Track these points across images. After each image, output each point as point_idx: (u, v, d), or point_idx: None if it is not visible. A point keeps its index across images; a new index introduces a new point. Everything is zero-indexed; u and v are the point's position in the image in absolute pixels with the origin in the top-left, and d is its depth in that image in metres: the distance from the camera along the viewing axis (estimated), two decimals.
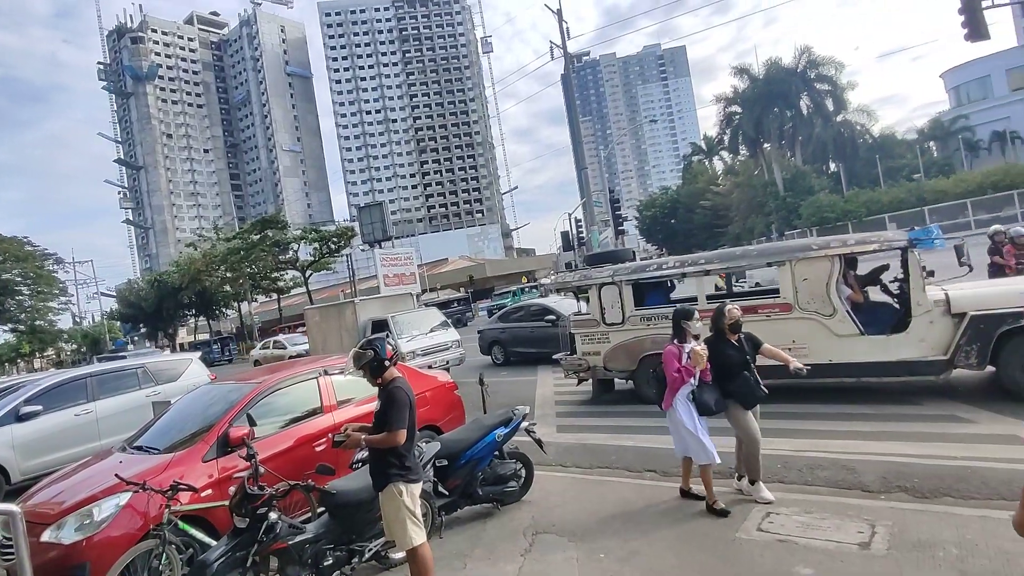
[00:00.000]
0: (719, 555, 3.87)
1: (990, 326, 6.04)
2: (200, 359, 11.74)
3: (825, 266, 6.80)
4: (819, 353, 6.75)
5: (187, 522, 4.20)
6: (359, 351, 3.75)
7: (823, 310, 6.80)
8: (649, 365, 8.09)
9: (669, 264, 8.33)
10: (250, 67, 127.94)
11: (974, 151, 51.80)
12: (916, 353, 6.38)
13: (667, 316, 7.98)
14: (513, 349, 14.79)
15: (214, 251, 43.23)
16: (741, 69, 51.26)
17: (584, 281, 8.94)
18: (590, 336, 8.71)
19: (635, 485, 5.39)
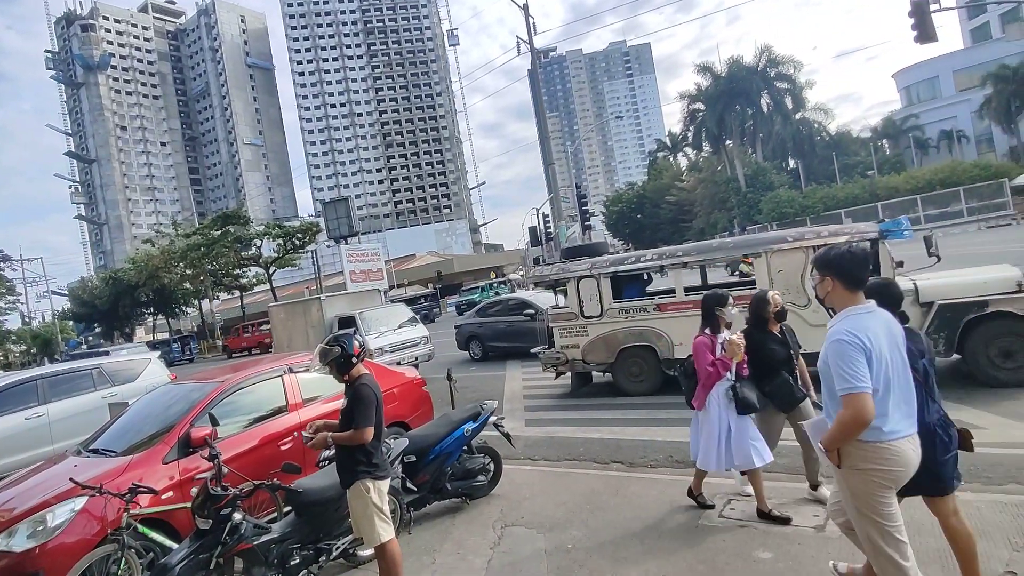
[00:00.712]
0: (684, 541, 3.97)
1: (957, 315, 6.28)
2: (160, 359, 11.41)
3: (800, 257, 6.94)
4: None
5: (147, 525, 4.09)
6: (326, 347, 3.71)
7: (798, 301, 6.94)
8: (628, 357, 8.22)
9: (647, 257, 8.39)
10: (209, 58, 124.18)
11: (924, 149, 54.00)
12: None
13: (644, 308, 8.12)
14: (491, 344, 14.64)
15: (173, 247, 41.94)
16: (704, 67, 52.26)
17: (562, 274, 8.93)
18: (568, 329, 8.72)
19: (602, 476, 5.48)
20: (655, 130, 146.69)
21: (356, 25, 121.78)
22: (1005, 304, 6.15)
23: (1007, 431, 5.07)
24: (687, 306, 7.66)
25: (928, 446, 2.65)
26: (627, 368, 8.28)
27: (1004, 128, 46.91)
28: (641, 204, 65.66)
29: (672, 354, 7.82)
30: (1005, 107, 44.38)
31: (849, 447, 2.52)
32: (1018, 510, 3.67)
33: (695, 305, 7.51)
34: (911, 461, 2.53)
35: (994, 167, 40.27)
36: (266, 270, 40.41)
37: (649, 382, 8.14)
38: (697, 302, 7.46)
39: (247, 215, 42.73)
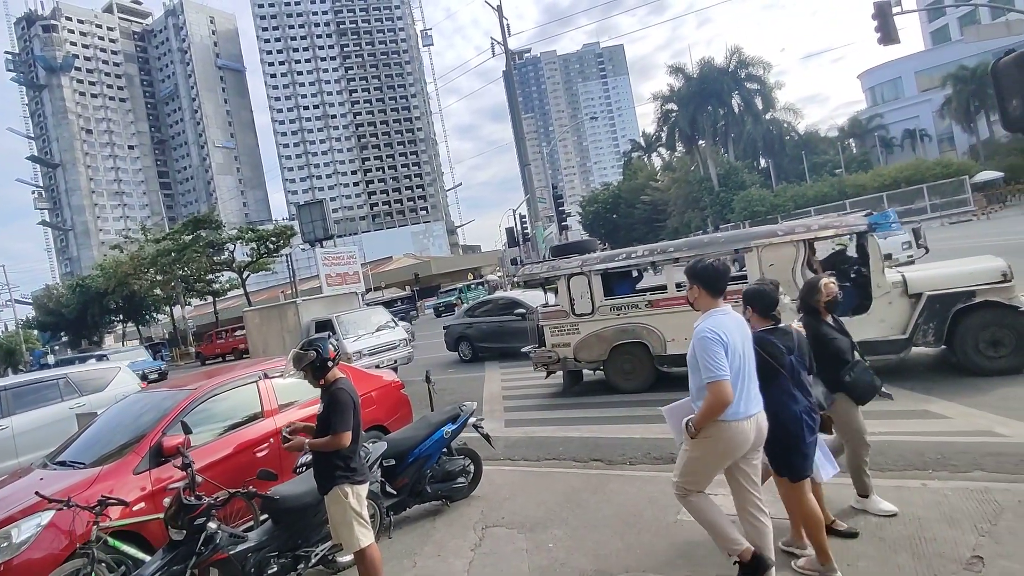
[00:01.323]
0: (662, 537, 4.01)
1: (945, 305, 6.37)
2: (130, 367, 11.14)
3: (791, 251, 6.98)
4: None
5: (119, 538, 3.98)
6: (300, 352, 3.66)
7: (790, 294, 6.92)
8: (620, 355, 8.16)
9: (638, 253, 8.34)
10: (177, 59, 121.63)
11: (888, 148, 55.51)
12: (877, 333, 6.63)
13: (636, 305, 8.04)
14: (481, 344, 14.31)
15: (142, 253, 40.91)
16: (676, 68, 52.94)
17: (553, 272, 8.82)
18: (559, 328, 8.63)
19: (582, 475, 5.50)
20: (629, 131, 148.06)
21: (328, 26, 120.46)
22: (992, 294, 6.25)
23: (972, 420, 5.22)
24: (679, 302, 7.64)
25: (797, 430, 3.19)
26: (619, 365, 8.23)
27: (964, 127, 48.48)
28: (616, 204, 66.19)
29: (664, 350, 7.80)
30: (964, 107, 45.83)
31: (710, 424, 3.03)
32: (983, 496, 3.79)
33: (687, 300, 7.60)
34: (749, 438, 3.06)
35: (955, 165, 41.61)
36: (239, 275, 39.67)
37: (642, 379, 8.11)
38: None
39: (219, 219, 41.90)
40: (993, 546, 3.24)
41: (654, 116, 56.69)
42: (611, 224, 66.76)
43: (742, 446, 3.06)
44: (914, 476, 4.32)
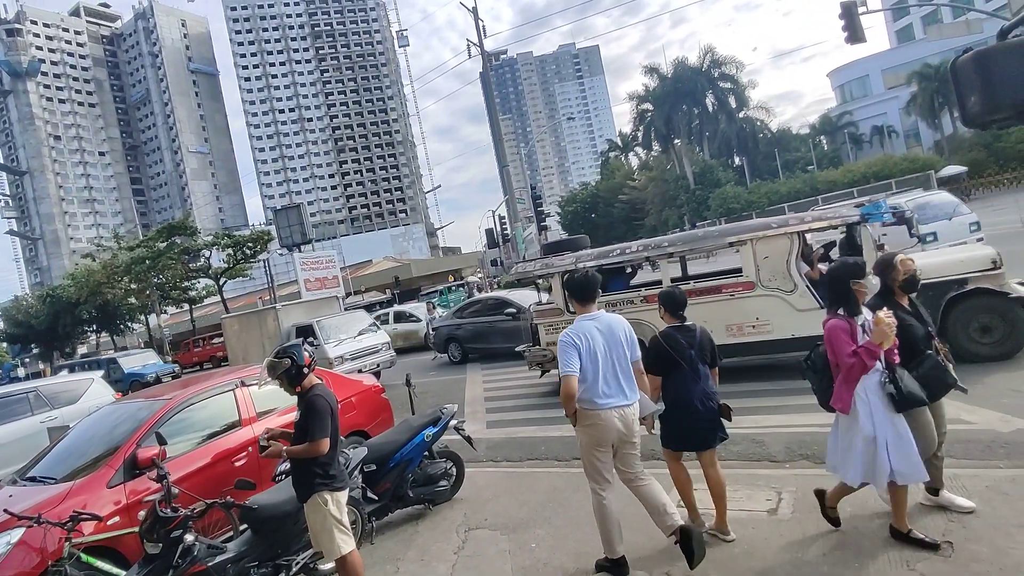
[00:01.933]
0: (643, 533, 4.03)
1: (938, 293, 6.40)
2: (103, 378, 10.91)
3: (785, 243, 6.99)
4: (782, 328, 7.02)
5: (93, 554, 3.90)
6: (274, 360, 3.63)
7: (784, 286, 7.00)
8: None
9: (633, 248, 8.25)
10: (148, 63, 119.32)
11: (858, 144, 56.72)
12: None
13: (631, 301, 7.97)
14: (471, 345, 14.14)
15: (116, 261, 40.05)
16: (651, 68, 53.46)
17: (546, 270, 8.70)
18: (554, 326, 8.49)
19: (564, 474, 5.53)
20: (606, 130, 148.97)
21: (303, 29, 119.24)
22: (984, 281, 6.34)
23: None
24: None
25: (693, 413, 3.73)
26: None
27: (929, 123, 49.75)
28: (595, 203, 66.52)
29: None
30: (929, 103, 47.02)
31: (580, 412, 3.50)
32: (952, 482, 3.89)
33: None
34: (615, 426, 3.48)
35: (921, 160, 42.70)
36: (216, 281, 39.03)
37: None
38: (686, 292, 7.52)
39: (194, 225, 41.19)
40: (961, 530, 3.34)
41: (630, 116, 57.26)
42: (590, 223, 67.02)
43: (608, 432, 3.50)
44: None
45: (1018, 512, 3.42)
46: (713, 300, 7.39)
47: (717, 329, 7.29)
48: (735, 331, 7.31)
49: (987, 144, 40.83)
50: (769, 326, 7.04)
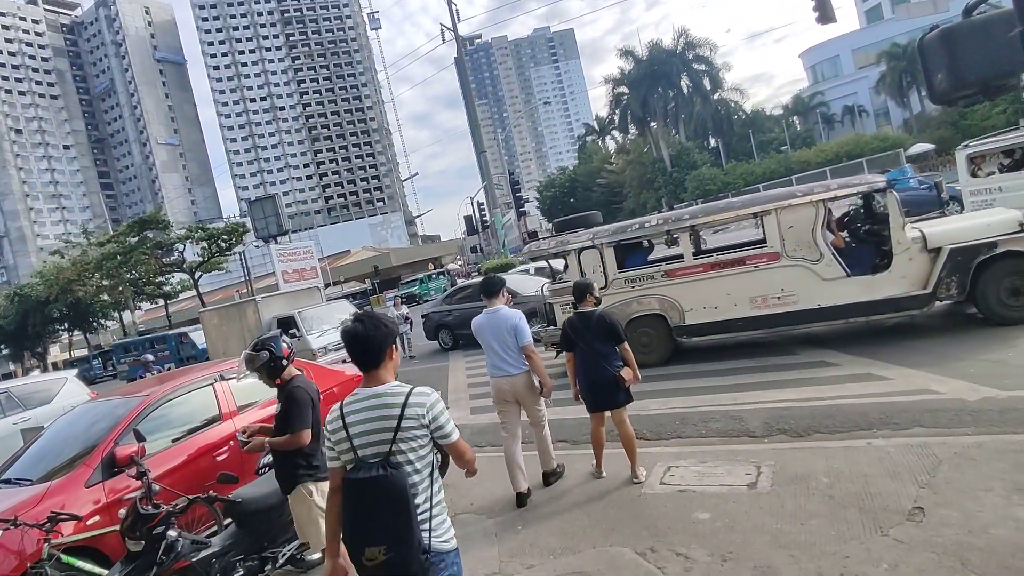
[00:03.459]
0: (627, 511, 4.12)
1: (967, 258, 6.40)
2: (78, 376, 10.70)
3: (810, 212, 6.90)
4: (808, 298, 6.98)
5: (73, 554, 3.84)
6: (252, 353, 3.59)
7: (810, 256, 6.94)
8: (636, 328, 7.86)
9: (651, 222, 8.07)
10: (112, 53, 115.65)
11: (830, 124, 57.48)
12: (899, 290, 6.67)
13: (652, 276, 7.82)
14: (462, 332, 13.71)
15: (86, 258, 39.09)
16: (626, 51, 53.35)
17: (562, 247, 8.44)
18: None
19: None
20: (583, 114, 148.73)
21: (272, 15, 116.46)
22: (1013, 243, 6.33)
23: (911, 380, 5.52)
24: (697, 270, 7.54)
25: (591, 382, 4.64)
26: (636, 339, 7.77)
27: (898, 102, 50.61)
28: (573, 188, 66.57)
29: (683, 320, 7.64)
30: (898, 83, 47.76)
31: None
32: (923, 451, 4.02)
33: (705, 269, 7.45)
34: (501, 387, 4.74)
35: (891, 139, 43.51)
36: (191, 275, 38.35)
37: (660, 352, 7.88)
38: (708, 265, 7.43)
39: (166, 219, 40.26)
40: (932, 496, 3.45)
41: (606, 99, 57.11)
42: (569, 208, 67.00)
43: (499, 393, 4.76)
44: (860, 436, 4.55)
45: (985, 476, 3.54)
46: (736, 272, 7.32)
47: (741, 301, 7.28)
48: (759, 303, 7.23)
49: (954, 122, 41.63)
50: (795, 297, 6.99)
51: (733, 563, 3.23)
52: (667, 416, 5.99)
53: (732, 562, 3.24)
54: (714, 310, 7.47)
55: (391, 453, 2.14)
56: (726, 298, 7.39)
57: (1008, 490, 3.35)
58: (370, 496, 2.10)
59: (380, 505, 2.09)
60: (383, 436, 2.16)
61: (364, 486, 2.11)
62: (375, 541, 2.07)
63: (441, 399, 2.29)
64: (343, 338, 2.39)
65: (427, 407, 2.20)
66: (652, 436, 5.58)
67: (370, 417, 2.20)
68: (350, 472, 2.19)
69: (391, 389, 2.24)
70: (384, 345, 2.30)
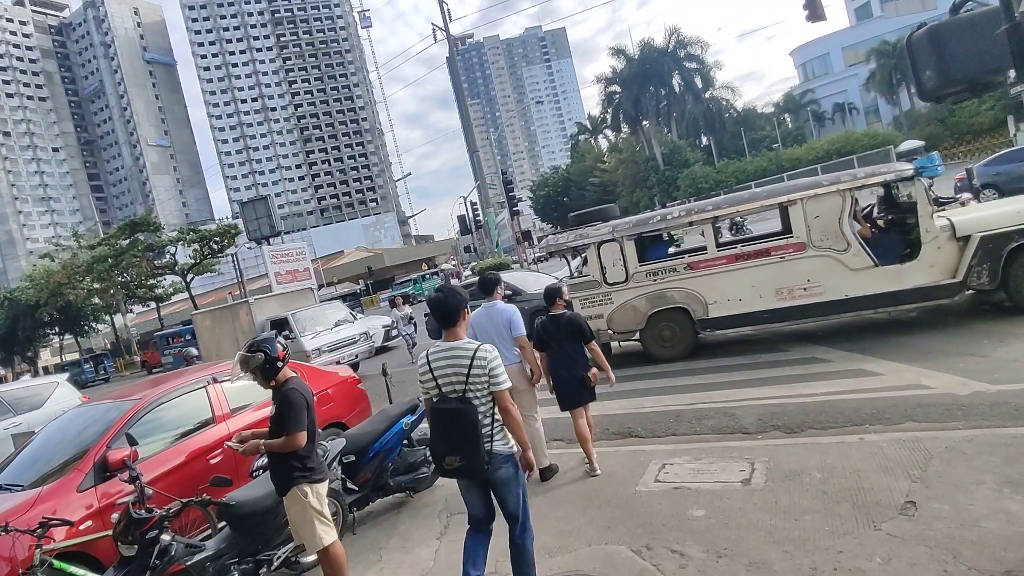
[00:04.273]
0: (622, 509, 4.12)
1: (998, 245, 6.29)
2: (69, 380, 10.62)
3: (836, 201, 6.79)
4: (835, 289, 6.89)
5: (66, 560, 3.82)
6: (246, 354, 3.56)
7: (837, 246, 6.84)
8: (658, 322, 7.74)
9: (674, 214, 7.90)
10: (101, 54, 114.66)
11: (820, 121, 57.83)
12: (928, 279, 6.59)
13: (674, 269, 7.71)
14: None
15: (76, 261, 38.81)
16: (618, 50, 53.48)
17: (581, 240, 8.27)
18: (590, 299, 8.12)
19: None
20: (575, 113, 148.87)
21: (263, 15, 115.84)
22: None
23: (902, 375, 5.56)
24: (721, 262, 7.42)
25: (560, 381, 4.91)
26: (658, 333, 7.81)
27: (887, 99, 50.98)
28: (567, 187, 66.57)
29: (707, 313, 7.48)
30: (888, 80, 48.09)
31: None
32: (914, 445, 4.05)
33: (729, 260, 7.35)
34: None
35: (881, 136, 43.81)
36: (183, 278, 38.13)
37: (681, 346, 7.77)
38: (732, 257, 7.34)
39: (157, 221, 40.06)
40: (924, 490, 3.48)
41: (599, 98, 57.27)
42: (562, 207, 67.07)
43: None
44: (852, 431, 4.58)
45: (976, 470, 3.57)
46: (761, 264, 7.23)
47: (766, 293, 7.19)
48: (785, 295, 7.14)
49: (943, 119, 41.97)
50: (821, 288, 6.92)
51: (728, 559, 3.24)
52: (661, 413, 6.01)
53: (727, 558, 3.25)
54: (738, 302, 7.37)
55: (465, 391, 2.98)
56: (751, 290, 7.30)
57: (999, 483, 3.38)
58: (450, 422, 2.98)
59: (457, 428, 2.96)
60: (458, 379, 3.00)
61: (446, 415, 3.00)
62: (453, 452, 2.98)
63: (498, 355, 3.06)
64: (429, 305, 3.23)
65: (487, 360, 2.99)
66: (646, 434, 5.59)
67: (448, 364, 3.03)
68: (436, 403, 3.06)
69: (463, 345, 3.06)
70: (459, 310, 3.14)
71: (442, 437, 3.03)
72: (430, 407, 3.11)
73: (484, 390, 2.99)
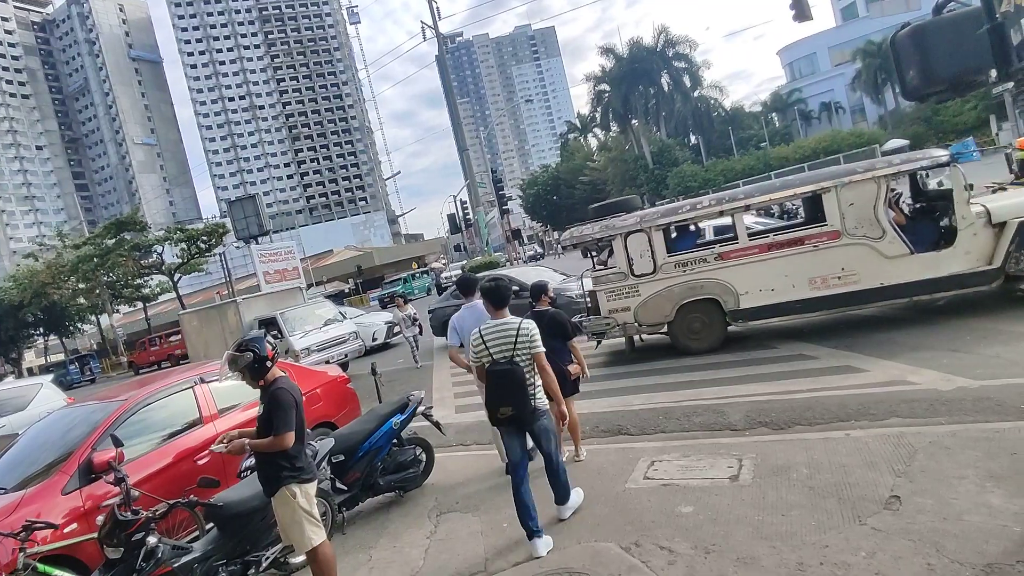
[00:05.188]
0: (612, 505, 4.14)
1: None
2: (54, 382, 10.49)
3: (872, 188, 6.69)
4: (870, 277, 6.80)
5: (50, 563, 3.77)
6: (235, 353, 3.53)
7: (872, 233, 6.73)
8: (687, 314, 7.61)
9: (704, 204, 7.72)
10: (85, 51, 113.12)
11: (807, 120, 58.36)
12: (964, 266, 6.52)
13: (704, 259, 7.54)
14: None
15: (61, 260, 38.30)
16: (607, 49, 53.63)
17: (608, 232, 8.04)
18: (616, 292, 7.92)
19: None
20: (565, 112, 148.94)
21: (250, 12, 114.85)
22: None
23: (888, 371, 5.63)
24: (752, 252, 7.29)
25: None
26: (687, 325, 7.68)
27: (873, 99, 51.58)
28: (556, 185, 66.69)
29: (738, 304, 7.35)
30: (873, 80, 48.65)
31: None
32: (899, 440, 4.10)
33: (761, 250, 7.23)
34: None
35: (867, 135, 44.36)
36: (170, 277, 37.74)
37: (711, 338, 7.65)
38: (764, 246, 7.20)
39: (144, 220, 39.61)
40: (908, 485, 3.52)
41: (588, 97, 57.54)
42: (552, 205, 67.25)
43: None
44: (838, 427, 4.63)
45: (959, 465, 3.62)
46: (794, 253, 7.12)
47: (799, 283, 7.10)
48: (819, 284, 7.04)
49: (927, 118, 42.51)
50: (856, 276, 6.83)
51: (716, 555, 3.27)
52: (651, 411, 6.03)
53: (715, 554, 3.28)
54: (771, 292, 7.25)
55: (513, 356, 3.81)
56: (783, 280, 7.19)
57: (981, 477, 3.43)
58: (503, 380, 3.79)
59: (508, 384, 3.78)
60: (507, 347, 3.84)
61: (500, 375, 3.80)
62: (506, 404, 3.80)
63: (537, 329, 3.91)
64: (481, 290, 4.16)
65: (529, 331, 3.86)
66: (636, 431, 5.61)
67: (499, 336, 3.87)
68: (489, 367, 3.85)
69: (509, 321, 3.94)
70: (508, 296, 4.10)
71: (497, 393, 3.82)
72: (484, 371, 3.90)
73: (527, 355, 3.81)
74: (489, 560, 3.82)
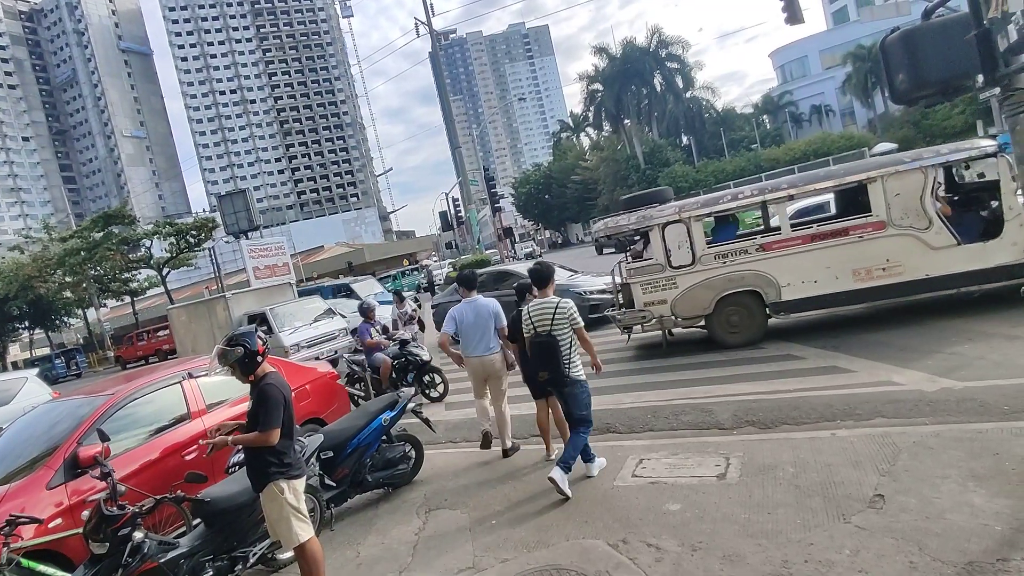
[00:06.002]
0: (601, 504, 4.16)
1: None
2: (39, 376, 10.37)
3: (919, 178, 6.61)
4: (915, 269, 6.75)
5: (34, 558, 3.74)
6: (225, 348, 3.51)
7: (918, 224, 6.66)
8: (727, 306, 7.48)
9: (745, 194, 7.62)
10: (74, 42, 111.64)
11: (798, 123, 58.79)
12: (1012, 257, 6.46)
13: (745, 250, 7.35)
14: None
15: (47, 253, 37.84)
16: (600, 48, 53.70)
17: (645, 223, 7.86)
18: (653, 284, 7.76)
19: (522, 452, 5.60)
20: (558, 111, 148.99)
21: (242, 6, 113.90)
22: None
23: (873, 372, 5.69)
24: (795, 242, 7.20)
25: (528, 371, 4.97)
26: (726, 318, 7.53)
27: (863, 102, 52.02)
28: (548, 184, 66.71)
29: (779, 296, 7.26)
30: (863, 83, 49.04)
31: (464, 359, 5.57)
32: (883, 440, 4.15)
33: (804, 241, 7.16)
34: (476, 367, 5.50)
35: (856, 138, 44.70)
36: (159, 272, 37.38)
37: (750, 332, 7.50)
38: (808, 237, 7.14)
39: (132, 214, 39.18)
40: (892, 484, 3.57)
41: (581, 96, 57.47)
42: (544, 204, 67.30)
43: (476, 371, 5.52)
44: (824, 427, 4.68)
45: (942, 464, 3.68)
46: (838, 244, 7.03)
47: (843, 274, 7.04)
48: (863, 275, 6.96)
49: (916, 122, 42.89)
50: (901, 267, 6.76)
51: (703, 552, 3.29)
52: (639, 409, 6.07)
53: (702, 551, 3.31)
54: (813, 284, 7.15)
55: (551, 330, 4.48)
56: (826, 271, 7.11)
57: (964, 477, 3.48)
58: (543, 349, 4.48)
59: (546, 353, 4.47)
60: (547, 322, 4.51)
61: (540, 345, 4.50)
62: (543, 369, 4.51)
63: (575, 306, 4.59)
64: (529, 272, 4.96)
65: (568, 308, 4.53)
66: (624, 429, 5.64)
67: (541, 313, 4.56)
68: (532, 338, 4.56)
69: (550, 299, 4.61)
70: (550, 278, 4.76)
71: (537, 359, 4.54)
72: (529, 342, 4.61)
73: (566, 329, 4.48)
74: (478, 557, 3.83)
